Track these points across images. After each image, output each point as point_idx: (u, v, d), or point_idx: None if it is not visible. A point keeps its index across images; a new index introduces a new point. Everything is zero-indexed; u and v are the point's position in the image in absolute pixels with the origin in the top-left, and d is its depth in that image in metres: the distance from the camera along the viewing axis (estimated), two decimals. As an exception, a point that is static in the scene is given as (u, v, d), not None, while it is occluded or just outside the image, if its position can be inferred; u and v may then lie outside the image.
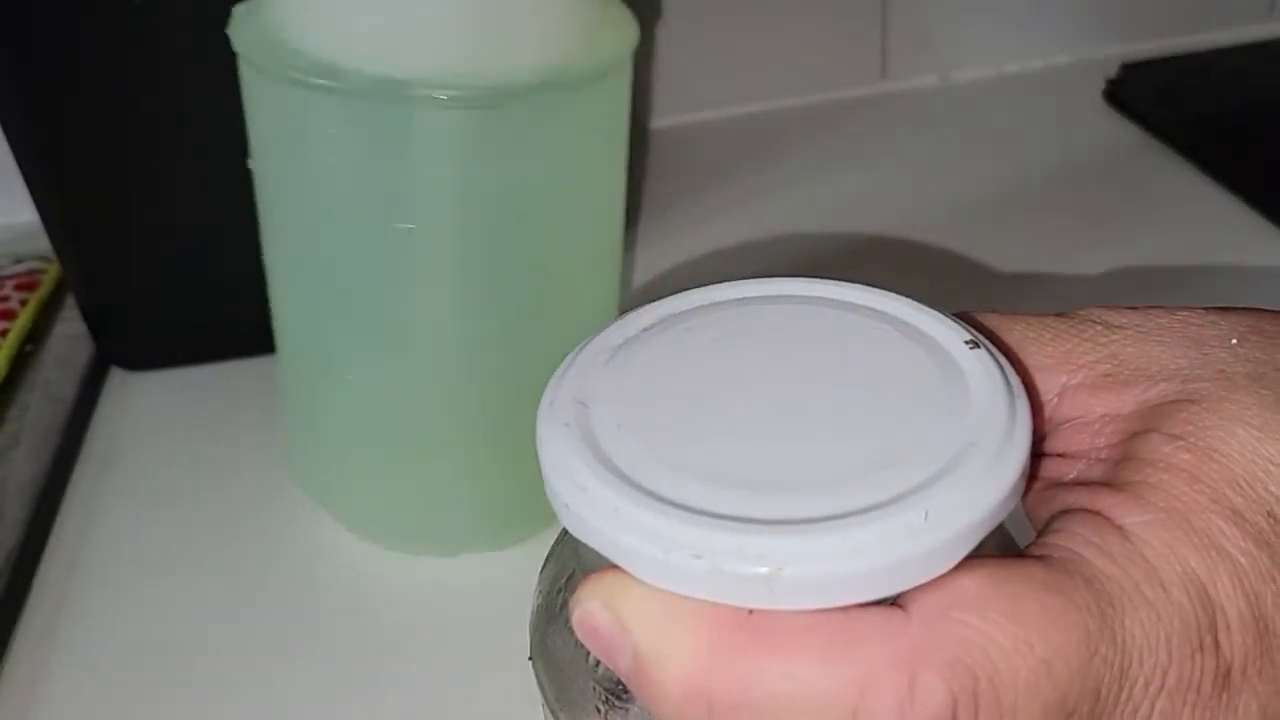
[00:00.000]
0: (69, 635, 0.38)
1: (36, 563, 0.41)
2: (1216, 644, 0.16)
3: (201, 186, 0.46)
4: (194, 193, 0.46)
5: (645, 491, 0.17)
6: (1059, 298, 0.51)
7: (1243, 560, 0.17)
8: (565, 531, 0.19)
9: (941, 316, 0.20)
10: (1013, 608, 0.16)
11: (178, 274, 0.47)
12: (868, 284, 0.21)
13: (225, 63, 0.41)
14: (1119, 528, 0.17)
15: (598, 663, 0.17)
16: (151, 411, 0.47)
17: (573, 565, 0.20)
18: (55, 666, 0.37)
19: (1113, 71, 0.66)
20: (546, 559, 0.22)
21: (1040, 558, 0.17)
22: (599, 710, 0.19)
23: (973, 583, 0.16)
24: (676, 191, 0.60)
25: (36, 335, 0.50)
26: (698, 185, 0.60)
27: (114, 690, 0.36)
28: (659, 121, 0.65)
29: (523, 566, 0.24)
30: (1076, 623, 0.16)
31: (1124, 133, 0.63)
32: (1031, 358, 0.20)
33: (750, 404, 0.18)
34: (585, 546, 0.17)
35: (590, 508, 0.17)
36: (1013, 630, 0.15)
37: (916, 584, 0.16)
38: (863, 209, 0.57)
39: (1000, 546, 0.18)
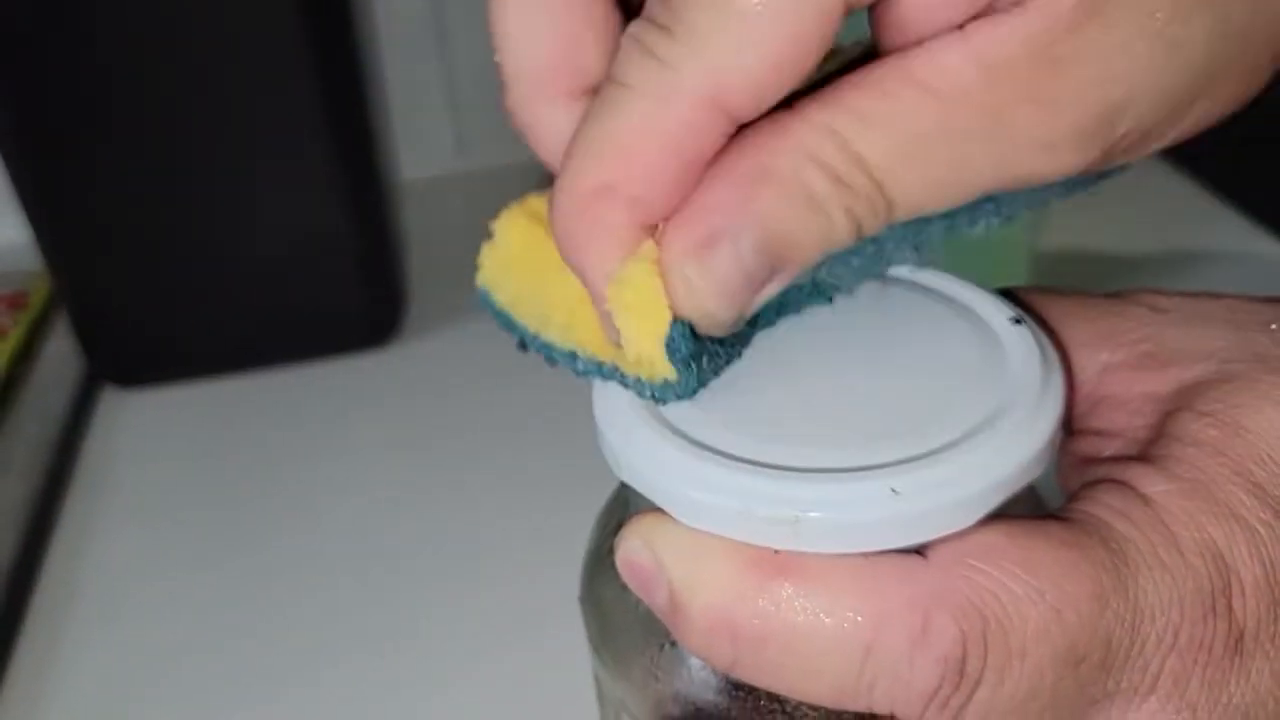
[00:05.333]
0: (65, 656, 0.37)
1: (32, 582, 0.40)
2: (1230, 608, 0.17)
3: (195, 203, 0.45)
4: (187, 210, 0.46)
5: (686, 438, 0.17)
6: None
7: (1261, 530, 0.17)
8: (621, 485, 0.20)
9: (988, 294, 0.20)
10: (1027, 558, 0.16)
11: (170, 291, 0.47)
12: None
13: (222, 79, 0.41)
14: (1142, 495, 0.17)
15: (637, 603, 0.18)
16: (144, 428, 0.47)
17: (621, 514, 0.21)
18: (52, 687, 0.36)
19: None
20: (602, 510, 0.22)
21: (1061, 519, 0.17)
22: (636, 649, 0.20)
23: (990, 534, 0.17)
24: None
25: (27, 354, 0.49)
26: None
27: (110, 709, 0.36)
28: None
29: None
30: (1089, 575, 0.16)
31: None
32: (1077, 334, 0.20)
33: (794, 365, 0.19)
34: (634, 494, 0.18)
35: (635, 451, 0.17)
36: (1025, 579, 0.16)
37: (936, 537, 0.16)
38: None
39: (1031, 512, 0.19)
